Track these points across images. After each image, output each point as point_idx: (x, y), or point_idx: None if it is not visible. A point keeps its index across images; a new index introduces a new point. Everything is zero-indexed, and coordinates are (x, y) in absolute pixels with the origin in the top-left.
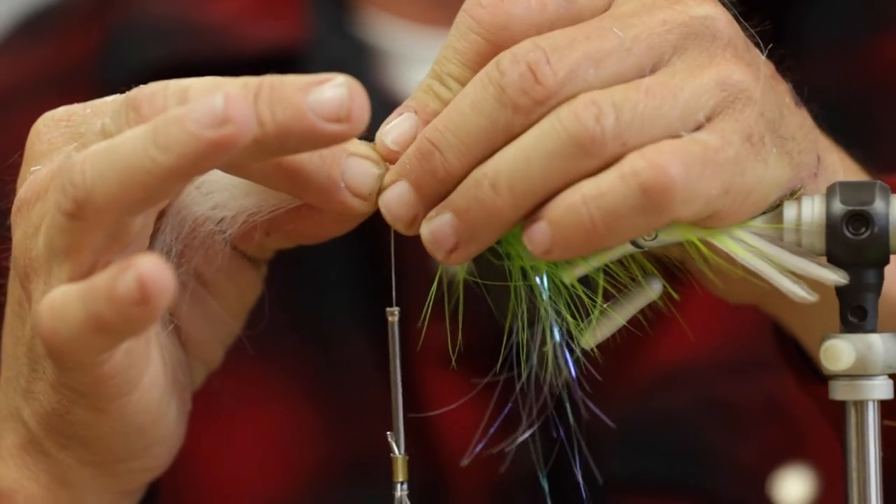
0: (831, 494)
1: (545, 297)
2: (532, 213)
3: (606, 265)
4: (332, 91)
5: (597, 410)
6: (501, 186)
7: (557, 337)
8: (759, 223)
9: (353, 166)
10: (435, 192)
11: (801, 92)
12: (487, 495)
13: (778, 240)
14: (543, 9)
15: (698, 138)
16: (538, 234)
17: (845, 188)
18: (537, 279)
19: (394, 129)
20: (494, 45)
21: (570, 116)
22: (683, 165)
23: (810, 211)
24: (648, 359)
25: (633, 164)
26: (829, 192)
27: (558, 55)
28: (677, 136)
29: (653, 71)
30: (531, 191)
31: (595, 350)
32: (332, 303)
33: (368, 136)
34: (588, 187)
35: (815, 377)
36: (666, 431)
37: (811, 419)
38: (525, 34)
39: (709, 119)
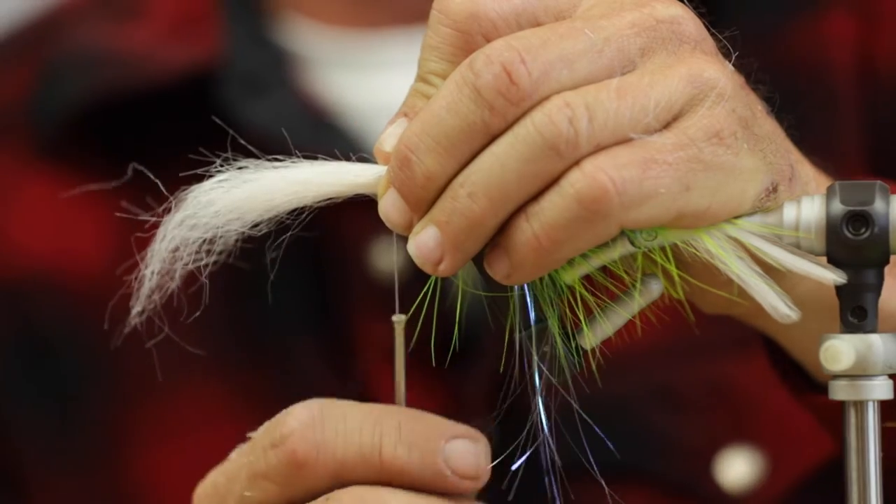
0: (776, 475)
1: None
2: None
3: (606, 265)
4: (468, 448)
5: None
6: (478, 195)
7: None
8: (757, 223)
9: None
10: (419, 198)
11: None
12: None
13: (777, 239)
14: None
15: (646, 141)
16: (495, 259)
17: (845, 188)
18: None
19: (390, 136)
20: (465, 33)
21: (543, 120)
22: (617, 171)
23: (810, 211)
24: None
25: (569, 176)
26: (829, 193)
27: (532, 55)
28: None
29: (623, 73)
30: (508, 196)
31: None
32: (280, 317)
33: (317, 151)
34: (531, 205)
35: (809, 387)
36: (611, 416)
37: (755, 401)
38: (493, 22)
39: (678, 117)
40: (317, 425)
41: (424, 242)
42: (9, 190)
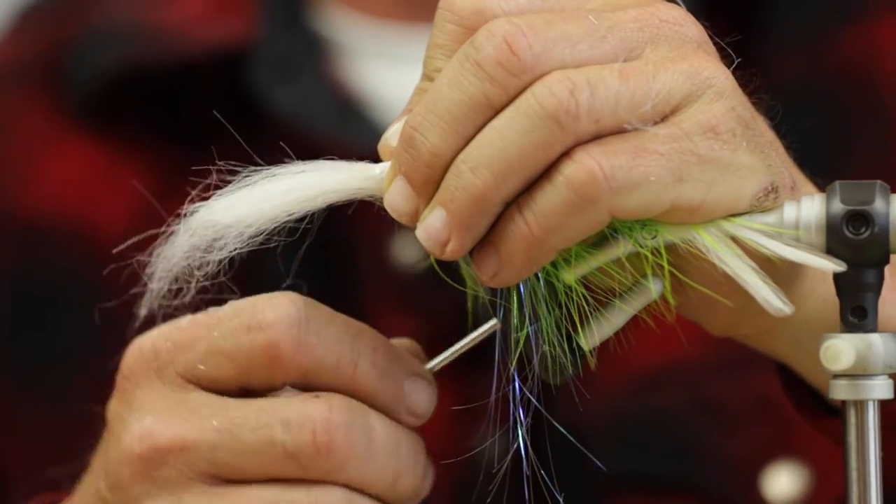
0: (822, 489)
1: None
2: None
3: (607, 265)
4: (425, 388)
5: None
6: (481, 168)
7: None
8: (757, 222)
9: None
10: (425, 178)
11: (773, 115)
12: (456, 491)
13: (776, 235)
14: None
15: (639, 131)
16: (484, 257)
17: (845, 188)
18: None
19: (395, 132)
20: (471, 29)
21: (544, 91)
22: (606, 157)
23: (810, 210)
24: (637, 358)
25: (559, 164)
26: (829, 192)
27: (535, 31)
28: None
29: (625, 62)
30: (511, 169)
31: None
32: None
33: (343, 139)
34: (523, 197)
35: (825, 412)
36: (656, 429)
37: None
38: (497, 17)
39: (675, 110)
40: (301, 324)
41: (431, 224)
42: (44, 143)
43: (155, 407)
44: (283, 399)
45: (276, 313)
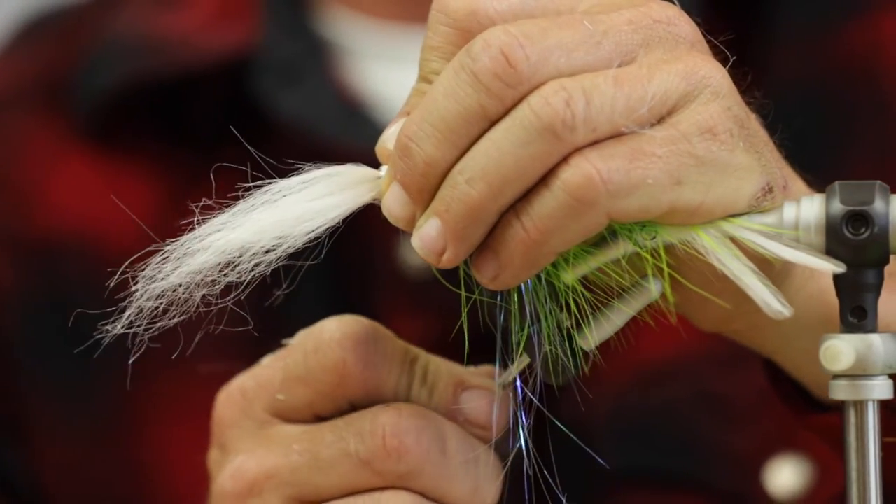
0: (825, 484)
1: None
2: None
3: (606, 266)
4: (480, 400)
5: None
6: (476, 180)
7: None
8: (756, 223)
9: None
10: (421, 187)
11: (765, 114)
12: None
13: (775, 236)
14: None
15: (636, 134)
16: (483, 261)
17: (845, 188)
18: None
19: (393, 135)
20: (465, 31)
21: (539, 102)
22: (603, 161)
23: (809, 211)
24: (640, 353)
25: (556, 169)
26: (829, 192)
27: (531, 41)
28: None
29: (620, 66)
30: (507, 180)
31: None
32: (304, 308)
33: (349, 142)
34: (521, 203)
35: (811, 408)
36: (659, 424)
37: None
38: (492, 19)
39: (672, 112)
40: (368, 342)
41: (427, 233)
42: (51, 162)
43: (245, 446)
44: (355, 413)
45: (343, 332)
